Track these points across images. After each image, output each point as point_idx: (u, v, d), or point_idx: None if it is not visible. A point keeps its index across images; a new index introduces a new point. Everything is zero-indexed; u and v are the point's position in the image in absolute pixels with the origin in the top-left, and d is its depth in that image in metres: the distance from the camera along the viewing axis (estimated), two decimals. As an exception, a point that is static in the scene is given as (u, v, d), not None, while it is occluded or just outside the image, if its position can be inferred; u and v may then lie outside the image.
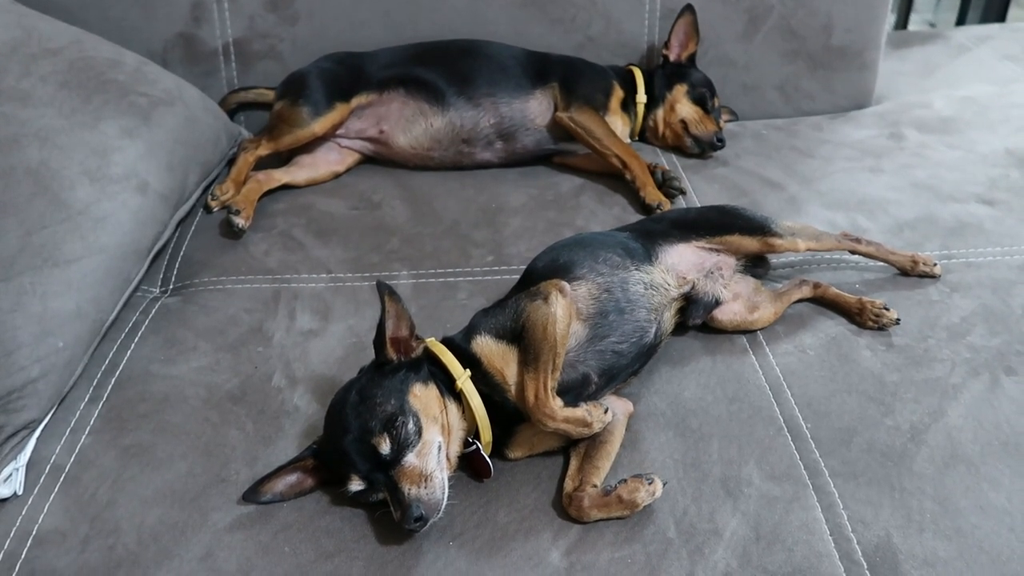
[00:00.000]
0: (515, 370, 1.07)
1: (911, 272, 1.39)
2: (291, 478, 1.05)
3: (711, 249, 1.31)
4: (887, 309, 1.29)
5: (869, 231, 1.52)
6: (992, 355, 1.23)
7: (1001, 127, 1.90)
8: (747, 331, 1.29)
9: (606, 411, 1.05)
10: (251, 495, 1.03)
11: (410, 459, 0.99)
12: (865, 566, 0.95)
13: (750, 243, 1.32)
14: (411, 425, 1.00)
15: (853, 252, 1.40)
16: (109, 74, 1.51)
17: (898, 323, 1.28)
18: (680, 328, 1.30)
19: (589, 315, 1.14)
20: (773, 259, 1.44)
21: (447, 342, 1.12)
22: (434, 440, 1.02)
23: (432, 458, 1.00)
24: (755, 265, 1.37)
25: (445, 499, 0.99)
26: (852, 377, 1.21)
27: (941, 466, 1.06)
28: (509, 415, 1.07)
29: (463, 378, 1.07)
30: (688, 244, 1.31)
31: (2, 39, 1.42)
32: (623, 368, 1.15)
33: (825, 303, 1.35)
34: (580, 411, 1.04)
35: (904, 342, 1.26)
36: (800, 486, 1.04)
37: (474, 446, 1.06)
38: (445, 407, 1.05)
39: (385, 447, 0.99)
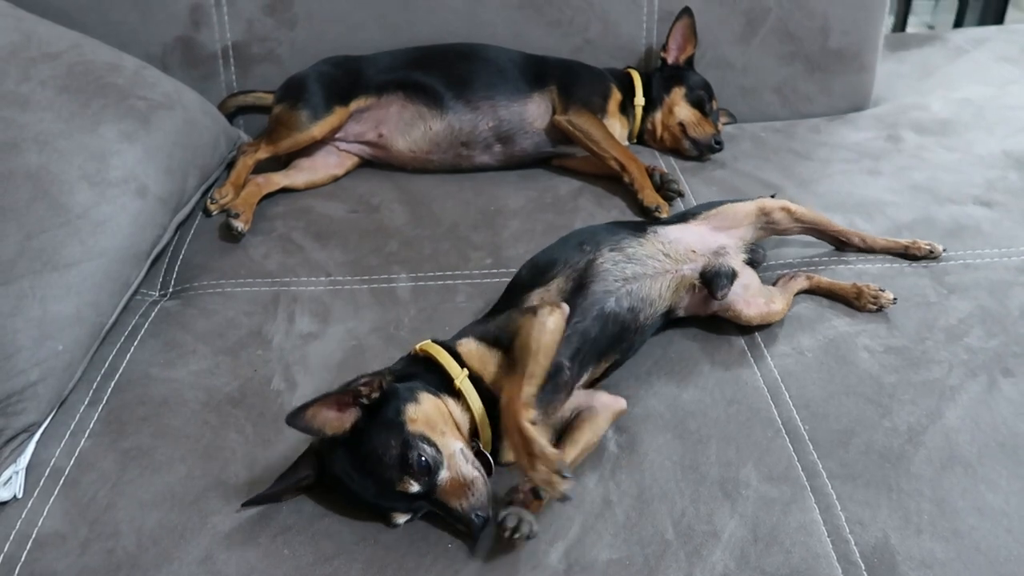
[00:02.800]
0: (493, 371, 1.08)
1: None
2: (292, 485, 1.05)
3: (710, 227, 1.35)
4: (883, 290, 1.32)
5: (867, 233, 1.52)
6: (989, 357, 1.23)
7: (999, 129, 1.90)
8: (769, 323, 1.30)
9: (565, 477, 0.95)
10: (252, 503, 1.03)
11: (444, 476, 0.99)
12: (863, 567, 0.96)
13: (745, 207, 1.38)
14: (427, 449, 0.99)
15: (841, 243, 1.48)
16: (108, 78, 1.52)
17: (895, 302, 1.32)
18: (689, 319, 1.31)
19: None
20: (771, 260, 1.44)
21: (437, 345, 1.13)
22: (455, 448, 1.01)
23: (462, 463, 1.00)
24: (752, 252, 1.39)
25: (489, 489, 1.00)
26: (850, 379, 1.21)
27: (939, 467, 1.06)
28: (497, 415, 1.07)
29: (461, 377, 1.07)
30: (687, 223, 1.35)
31: (1, 43, 1.42)
32: (592, 348, 1.15)
33: (821, 293, 1.37)
34: (541, 440, 0.97)
35: (902, 344, 1.27)
36: (798, 488, 1.05)
37: (474, 445, 1.06)
38: (447, 408, 1.05)
39: (414, 486, 0.98)
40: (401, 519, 1.00)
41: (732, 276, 1.27)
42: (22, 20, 1.52)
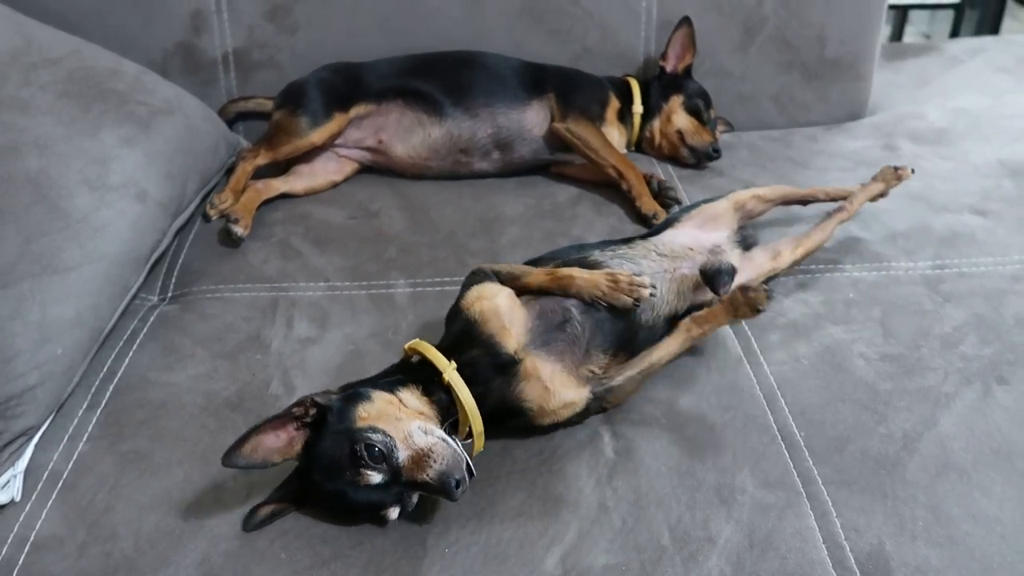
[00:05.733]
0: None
1: (889, 185, 1.54)
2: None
3: (696, 226, 1.39)
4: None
5: (863, 240, 1.53)
6: (984, 364, 1.24)
7: (994, 138, 1.91)
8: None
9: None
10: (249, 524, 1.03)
11: (403, 456, 0.98)
12: (858, 573, 0.96)
13: (721, 204, 1.43)
14: (375, 437, 0.97)
15: (808, 201, 1.54)
16: (109, 83, 1.52)
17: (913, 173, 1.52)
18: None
19: None
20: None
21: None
22: (410, 427, 1.00)
23: (418, 437, 0.99)
24: (743, 237, 1.42)
25: (459, 448, 0.99)
26: (846, 386, 1.21)
27: (933, 474, 1.07)
28: (489, 412, 1.07)
29: (449, 370, 1.07)
30: (674, 228, 1.39)
31: (2, 48, 1.43)
32: (604, 329, 1.17)
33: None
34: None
35: (897, 351, 1.27)
36: (794, 494, 1.05)
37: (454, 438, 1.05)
38: (399, 401, 1.04)
39: (375, 477, 0.97)
40: (392, 514, 0.99)
41: (733, 273, 1.27)
42: (23, 25, 1.52)
